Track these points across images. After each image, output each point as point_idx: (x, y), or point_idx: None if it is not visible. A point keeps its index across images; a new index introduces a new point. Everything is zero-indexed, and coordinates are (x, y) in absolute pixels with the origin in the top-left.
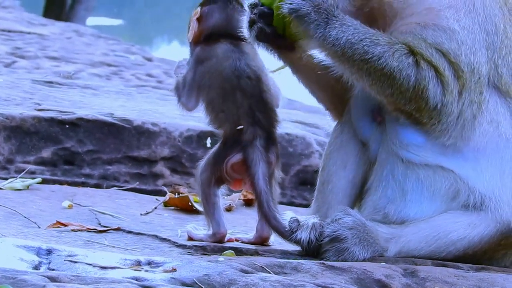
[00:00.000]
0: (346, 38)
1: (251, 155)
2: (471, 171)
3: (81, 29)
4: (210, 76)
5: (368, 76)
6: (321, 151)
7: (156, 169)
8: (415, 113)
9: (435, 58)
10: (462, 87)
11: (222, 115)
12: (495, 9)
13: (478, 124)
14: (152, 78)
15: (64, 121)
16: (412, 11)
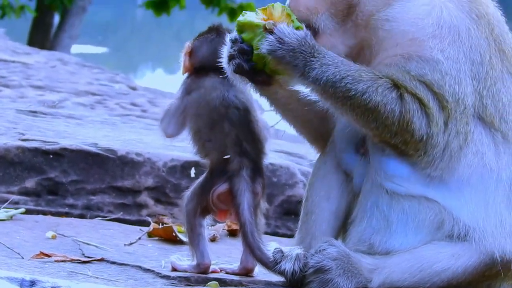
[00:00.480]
0: (327, 77)
1: (237, 185)
2: (456, 201)
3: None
4: (198, 105)
5: (352, 111)
6: (305, 181)
7: (140, 199)
8: (401, 145)
9: (419, 90)
10: (447, 117)
11: (209, 144)
12: (481, 39)
13: (464, 155)
14: (136, 107)
15: (48, 151)
16: (397, 41)
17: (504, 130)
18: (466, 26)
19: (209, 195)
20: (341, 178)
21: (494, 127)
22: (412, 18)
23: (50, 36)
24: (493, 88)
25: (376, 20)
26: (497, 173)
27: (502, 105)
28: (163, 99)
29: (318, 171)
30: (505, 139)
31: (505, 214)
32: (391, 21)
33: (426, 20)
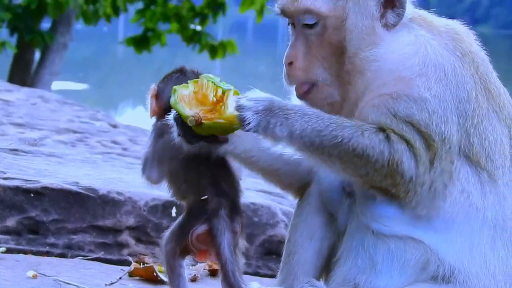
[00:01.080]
0: (311, 127)
1: (216, 225)
2: (441, 242)
3: (46, 94)
4: (171, 147)
5: (341, 160)
6: (287, 221)
7: (121, 239)
8: (391, 188)
9: (405, 132)
10: (433, 156)
11: (185, 186)
12: (467, 76)
13: (449, 194)
14: (117, 145)
15: (29, 190)
16: (384, 81)
17: (490, 169)
18: (452, 64)
19: (188, 237)
20: (324, 219)
21: (480, 166)
22: (398, 57)
23: (31, 72)
24: (480, 126)
25: (363, 60)
26: (483, 212)
27: (489, 144)
28: (144, 137)
29: (302, 211)
30: (491, 178)
31: (489, 255)
32: (378, 61)
33: (412, 59)
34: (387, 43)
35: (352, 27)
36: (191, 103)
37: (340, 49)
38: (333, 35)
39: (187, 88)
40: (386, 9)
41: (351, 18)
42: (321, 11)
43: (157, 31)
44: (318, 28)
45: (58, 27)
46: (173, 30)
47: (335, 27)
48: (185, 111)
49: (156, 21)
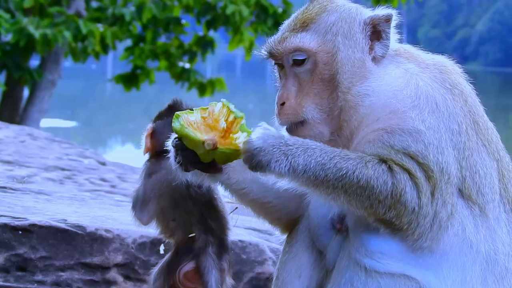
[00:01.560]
0: (315, 160)
1: (204, 263)
2: (435, 278)
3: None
4: (160, 186)
5: (345, 193)
6: (275, 258)
7: (109, 276)
8: (395, 220)
9: (405, 162)
10: (433, 188)
11: (173, 224)
12: (457, 108)
13: (451, 227)
14: (105, 183)
15: (17, 228)
16: (378, 116)
17: (481, 203)
18: (442, 95)
19: (175, 274)
20: (313, 256)
21: (471, 199)
22: (390, 90)
23: (20, 110)
24: (471, 159)
25: (355, 95)
26: (476, 247)
27: (479, 177)
28: (133, 174)
29: (290, 248)
30: (482, 212)
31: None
32: (370, 95)
33: (404, 92)
34: (378, 76)
35: (345, 60)
36: (200, 128)
37: (332, 84)
38: (324, 70)
39: (192, 114)
40: (373, 42)
41: (342, 51)
42: (311, 47)
43: (146, 69)
44: (308, 65)
45: (46, 65)
46: (161, 68)
47: (325, 62)
48: (197, 135)
49: (145, 58)
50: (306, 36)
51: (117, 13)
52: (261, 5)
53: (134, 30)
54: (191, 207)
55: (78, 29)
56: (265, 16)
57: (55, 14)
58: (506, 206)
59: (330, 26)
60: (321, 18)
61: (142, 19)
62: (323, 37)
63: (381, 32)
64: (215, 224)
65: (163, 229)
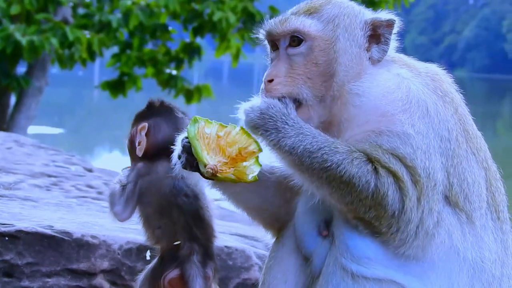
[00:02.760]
0: (304, 147)
1: (188, 271)
2: (421, 284)
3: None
4: (149, 192)
5: (328, 185)
6: (261, 264)
7: (96, 282)
8: (374, 221)
9: (392, 164)
10: (420, 193)
11: (158, 231)
12: (448, 115)
13: (438, 234)
14: (92, 189)
15: (3, 234)
16: (368, 117)
17: (468, 211)
18: (434, 101)
19: (160, 281)
20: (299, 261)
21: (458, 207)
22: (381, 92)
23: (7, 117)
24: (459, 167)
25: (347, 92)
26: (463, 254)
27: (467, 185)
28: None
29: (276, 254)
30: (469, 220)
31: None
32: (361, 95)
33: (395, 94)
34: (371, 76)
35: (342, 51)
36: (211, 146)
37: (328, 72)
38: (320, 56)
39: (209, 126)
40: (371, 44)
41: (341, 42)
42: (310, 31)
43: (132, 76)
44: (302, 49)
45: (33, 72)
46: (148, 75)
47: (322, 48)
48: (203, 154)
49: (131, 65)
50: (307, 20)
51: (104, 20)
52: (248, 12)
53: (121, 37)
54: (177, 215)
55: (65, 36)
56: (252, 23)
57: (42, 21)
58: (493, 214)
59: (333, 17)
60: (325, 9)
61: (129, 26)
62: (325, 25)
63: (381, 36)
64: (200, 233)
65: (149, 235)
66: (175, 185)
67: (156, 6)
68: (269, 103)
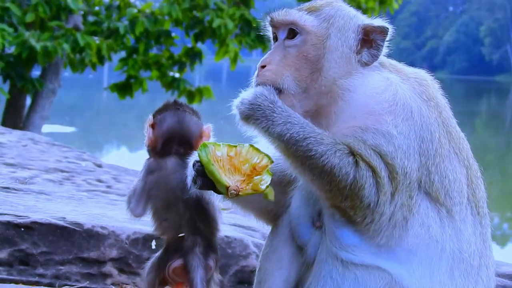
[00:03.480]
0: (291, 135)
1: (190, 261)
2: (405, 271)
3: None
4: (158, 186)
5: (310, 172)
6: (258, 252)
7: (105, 269)
8: (349, 210)
9: (373, 159)
10: (395, 189)
11: (165, 223)
12: (431, 118)
13: (411, 226)
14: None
15: (19, 225)
16: (355, 114)
17: (448, 205)
18: (418, 105)
19: (165, 269)
20: (293, 249)
21: (439, 202)
22: (370, 91)
23: (23, 116)
24: (441, 165)
25: (339, 87)
26: (441, 245)
27: (448, 182)
28: (127, 175)
29: (271, 242)
30: (449, 214)
31: (447, 284)
32: (351, 91)
33: (383, 95)
34: (362, 76)
35: (332, 48)
36: (225, 167)
37: (316, 65)
38: (310, 50)
39: (219, 149)
40: (363, 47)
41: (332, 40)
42: (306, 26)
43: (138, 78)
44: (297, 41)
45: (47, 75)
46: (153, 77)
47: (314, 43)
48: (222, 177)
49: (138, 69)
50: (306, 16)
51: (112, 27)
52: (245, 19)
53: (128, 43)
54: (182, 209)
55: (76, 42)
56: (248, 29)
57: (54, 28)
58: (473, 209)
59: (329, 17)
60: (324, 9)
61: (135, 32)
62: (320, 23)
63: (372, 42)
64: (203, 226)
65: (156, 226)
66: (182, 180)
67: (160, 14)
68: (256, 92)
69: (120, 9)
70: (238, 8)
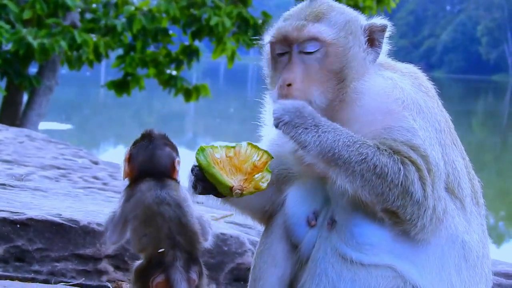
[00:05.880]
0: (342, 140)
1: (172, 276)
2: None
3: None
4: (135, 208)
5: (361, 177)
6: (253, 249)
7: (101, 266)
8: (400, 209)
9: (412, 154)
10: (433, 181)
11: (144, 239)
12: (435, 108)
13: (445, 220)
14: (98, 181)
15: (15, 221)
16: (373, 117)
17: (461, 197)
18: (422, 98)
19: (149, 283)
20: (287, 247)
21: (454, 194)
22: (382, 91)
23: (20, 113)
24: (451, 156)
25: (353, 90)
26: (460, 238)
27: (458, 173)
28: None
29: (266, 240)
30: (462, 206)
31: (454, 277)
32: (365, 94)
33: (394, 94)
34: (370, 77)
35: (353, 56)
36: (225, 168)
37: (340, 76)
38: (335, 62)
39: (218, 151)
40: (368, 47)
41: (354, 48)
42: (327, 38)
43: (136, 76)
44: (318, 54)
45: (44, 72)
46: (150, 75)
47: (337, 54)
48: (224, 178)
49: (135, 66)
50: (323, 27)
51: (109, 24)
52: (242, 17)
53: (125, 40)
54: (160, 223)
55: (73, 39)
56: (246, 27)
57: (52, 25)
58: (473, 199)
59: (343, 24)
60: (332, 15)
61: (133, 30)
62: (338, 32)
63: (375, 40)
64: (182, 239)
65: (135, 244)
66: (157, 195)
67: (158, 12)
68: (300, 103)
69: (118, 7)
70: (235, 6)
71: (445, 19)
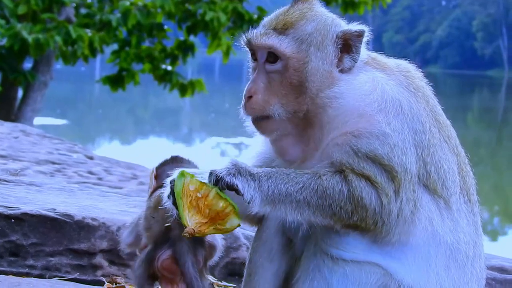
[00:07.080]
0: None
1: (179, 248)
2: (399, 266)
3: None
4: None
5: (308, 206)
6: (248, 244)
7: (95, 261)
8: (360, 222)
9: (365, 169)
10: (398, 186)
11: (153, 220)
12: (421, 109)
13: (418, 220)
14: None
15: (10, 216)
16: (346, 119)
17: (445, 196)
18: (407, 98)
19: (155, 263)
20: (283, 241)
21: (437, 193)
22: (358, 94)
23: (15, 109)
24: (435, 156)
25: (324, 98)
26: (442, 237)
27: (443, 172)
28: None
29: (261, 234)
30: (447, 205)
31: (443, 276)
32: (338, 98)
33: (371, 96)
34: (346, 82)
35: (314, 70)
36: (193, 204)
37: (300, 89)
38: (294, 76)
39: (193, 182)
40: (343, 54)
41: (313, 62)
42: (285, 52)
43: (131, 71)
44: (279, 66)
45: (39, 67)
46: (146, 70)
47: (296, 68)
48: (184, 215)
49: (130, 61)
50: (285, 40)
51: (104, 19)
52: (237, 12)
53: (120, 35)
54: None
55: (68, 34)
56: (241, 22)
57: (47, 20)
58: (465, 197)
59: (306, 35)
60: (300, 26)
61: (128, 25)
62: (299, 45)
63: (351, 46)
64: None
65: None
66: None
67: (153, 7)
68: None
69: (113, 2)
70: (230, 1)
71: (440, 14)
